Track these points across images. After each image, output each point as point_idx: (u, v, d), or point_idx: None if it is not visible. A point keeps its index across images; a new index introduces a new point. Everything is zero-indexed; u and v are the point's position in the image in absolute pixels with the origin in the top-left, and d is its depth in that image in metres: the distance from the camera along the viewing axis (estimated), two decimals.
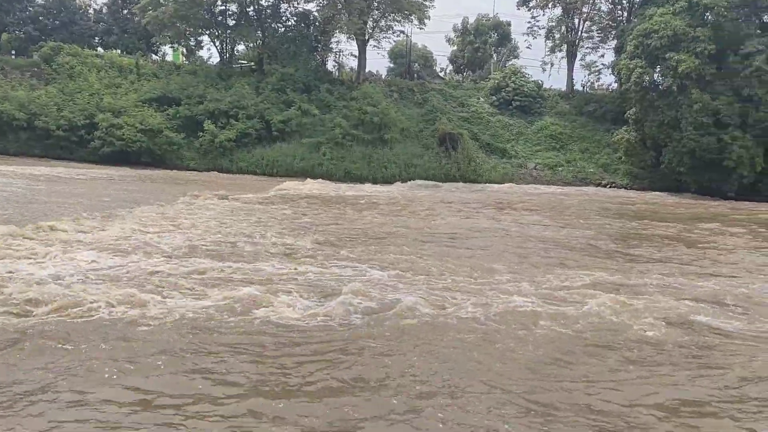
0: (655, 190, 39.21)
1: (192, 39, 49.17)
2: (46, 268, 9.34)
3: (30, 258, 9.98)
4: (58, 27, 47.30)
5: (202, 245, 12.05)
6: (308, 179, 33.97)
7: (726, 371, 6.69)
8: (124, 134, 36.39)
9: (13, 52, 44.59)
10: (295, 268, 10.29)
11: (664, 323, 8.04)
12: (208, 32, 46.86)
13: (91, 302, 7.66)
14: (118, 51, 46.70)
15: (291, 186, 29.36)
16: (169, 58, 50.59)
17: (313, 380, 5.94)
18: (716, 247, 16.06)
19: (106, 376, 5.72)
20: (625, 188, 40.43)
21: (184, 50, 51.12)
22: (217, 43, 46.96)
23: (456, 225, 18.02)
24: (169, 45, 50.36)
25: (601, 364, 6.79)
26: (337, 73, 49.29)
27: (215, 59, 50.09)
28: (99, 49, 47.95)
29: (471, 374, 6.23)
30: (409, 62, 55.00)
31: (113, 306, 7.59)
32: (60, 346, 6.33)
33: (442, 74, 58.87)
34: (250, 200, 21.28)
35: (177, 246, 11.72)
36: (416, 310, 8.16)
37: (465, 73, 59.42)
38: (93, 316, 7.28)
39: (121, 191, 22.82)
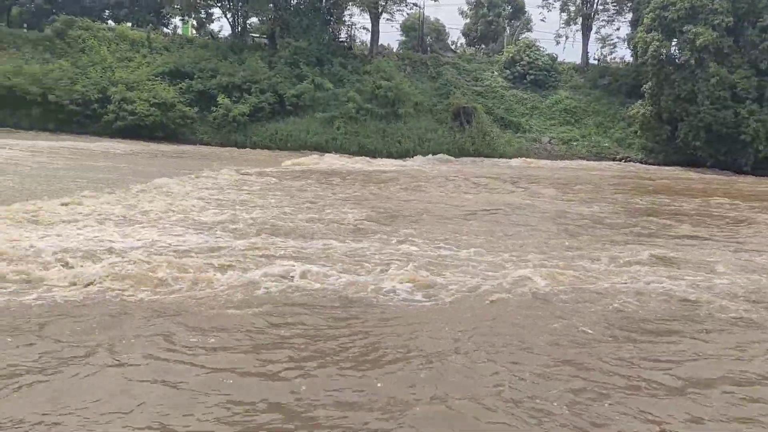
0: (670, 165, 39.12)
1: (203, 11, 48.59)
2: (107, 242, 9.38)
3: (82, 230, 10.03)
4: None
5: (252, 220, 12.07)
6: (326, 154, 34.07)
7: None
8: (136, 108, 36.22)
9: (25, 25, 44.00)
10: (352, 244, 10.30)
11: (744, 301, 8.07)
12: (219, 4, 46.30)
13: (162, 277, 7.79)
14: (129, 24, 46.11)
15: (310, 161, 29.42)
16: (179, 31, 50.03)
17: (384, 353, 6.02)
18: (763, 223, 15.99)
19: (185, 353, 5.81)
20: (640, 162, 40.26)
21: (195, 23, 50.52)
22: (229, 16, 46.38)
23: (489, 201, 18.02)
24: (179, 17, 49.79)
25: (679, 342, 6.84)
26: (350, 47, 48.81)
27: (226, 32, 49.64)
28: (109, 22, 47.40)
29: (541, 351, 6.31)
30: (421, 35, 54.21)
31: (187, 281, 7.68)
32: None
33: (454, 48, 58.22)
34: (278, 174, 21.25)
35: (225, 222, 11.75)
36: (495, 286, 8.20)
37: (478, 47, 58.80)
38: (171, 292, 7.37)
39: (150, 166, 22.79)
